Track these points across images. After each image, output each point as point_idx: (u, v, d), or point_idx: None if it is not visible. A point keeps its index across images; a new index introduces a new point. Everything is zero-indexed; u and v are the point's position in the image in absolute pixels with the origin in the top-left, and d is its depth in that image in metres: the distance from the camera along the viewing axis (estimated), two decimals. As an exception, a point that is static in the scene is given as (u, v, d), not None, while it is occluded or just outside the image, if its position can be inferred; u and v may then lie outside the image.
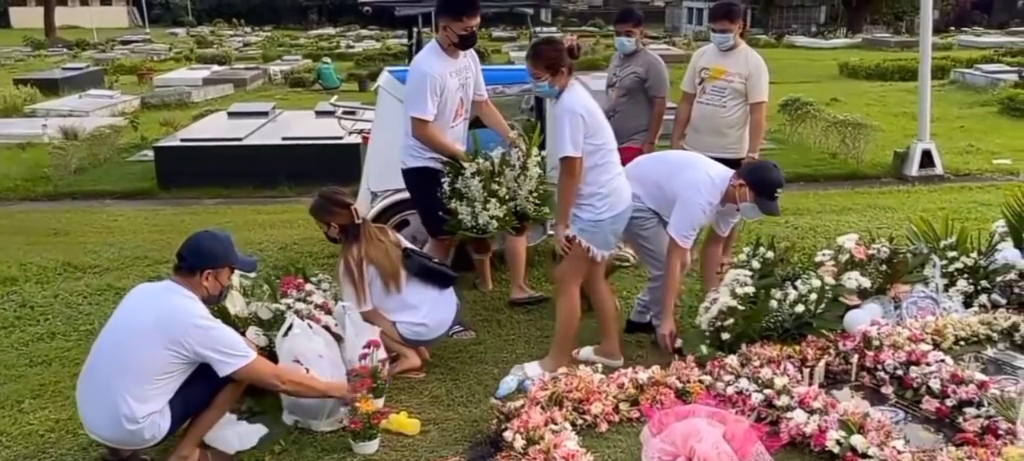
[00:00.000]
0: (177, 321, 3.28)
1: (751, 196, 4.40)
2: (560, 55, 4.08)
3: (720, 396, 3.88)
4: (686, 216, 4.35)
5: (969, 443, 3.37)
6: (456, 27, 4.58)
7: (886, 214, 7.46)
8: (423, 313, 4.38)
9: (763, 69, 5.45)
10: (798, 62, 25.22)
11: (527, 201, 4.77)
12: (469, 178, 4.67)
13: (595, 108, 4.14)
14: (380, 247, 4.30)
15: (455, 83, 4.73)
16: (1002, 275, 4.81)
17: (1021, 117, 13.08)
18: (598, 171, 4.12)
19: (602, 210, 4.15)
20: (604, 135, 4.14)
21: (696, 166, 4.55)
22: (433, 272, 4.47)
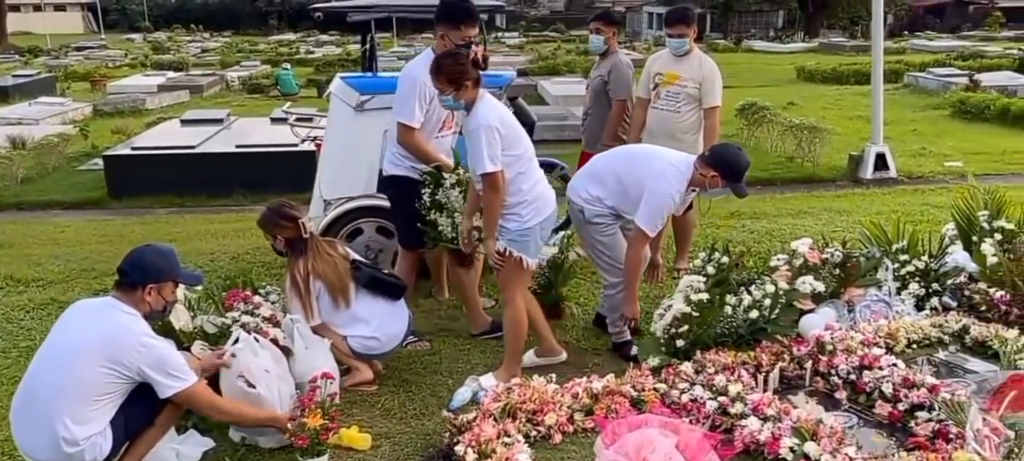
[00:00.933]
0: (120, 340, 3.16)
1: (722, 183, 4.36)
2: (463, 68, 3.98)
3: (675, 404, 3.86)
4: (655, 206, 4.30)
5: (920, 447, 3.37)
6: (454, 36, 4.47)
7: (841, 217, 7.53)
8: (374, 327, 4.30)
9: (716, 74, 5.46)
10: (756, 66, 25.49)
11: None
12: (449, 189, 4.57)
13: (509, 118, 4.09)
14: (328, 262, 4.21)
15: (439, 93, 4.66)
16: (952, 278, 4.86)
17: (972, 120, 13.33)
18: (520, 179, 4.07)
19: (528, 218, 4.11)
20: (522, 144, 4.10)
21: (658, 156, 4.52)
22: (383, 283, 4.39)
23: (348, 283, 4.25)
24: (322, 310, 4.22)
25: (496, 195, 3.99)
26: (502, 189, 3.99)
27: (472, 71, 3.99)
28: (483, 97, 4.04)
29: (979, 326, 4.47)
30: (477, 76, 4.01)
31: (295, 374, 3.95)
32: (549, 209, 4.21)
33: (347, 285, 4.24)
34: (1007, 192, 5.50)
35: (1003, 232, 4.79)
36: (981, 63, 20.98)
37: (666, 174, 4.34)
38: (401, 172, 4.72)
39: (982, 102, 13.65)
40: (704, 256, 4.88)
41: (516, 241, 4.12)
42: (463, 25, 4.46)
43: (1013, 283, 4.56)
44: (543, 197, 4.18)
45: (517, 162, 4.04)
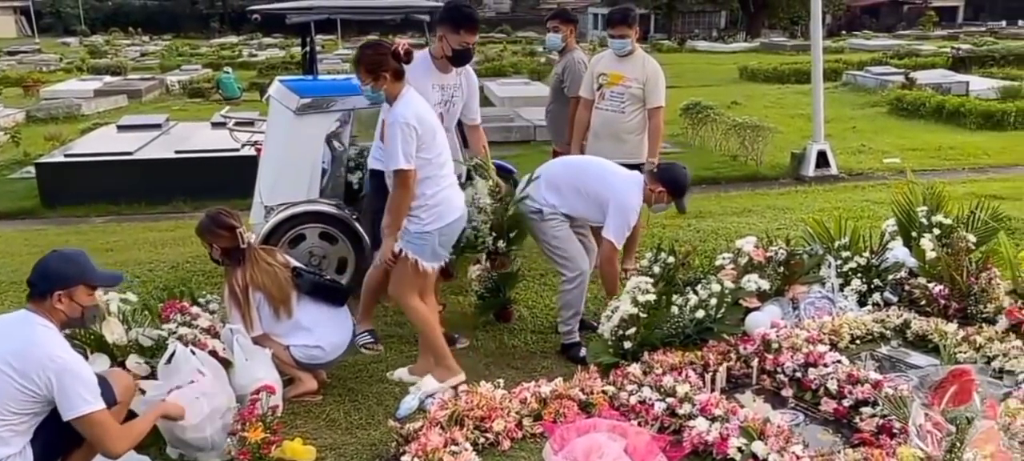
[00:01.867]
0: (29, 353, 2.98)
1: (667, 197, 4.68)
2: (382, 59, 3.95)
3: (623, 406, 3.84)
4: (623, 220, 4.52)
5: (866, 443, 3.41)
6: (452, 40, 4.42)
7: (784, 215, 7.62)
8: (317, 336, 4.19)
9: (660, 74, 5.47)
10: (700, 66, 25.80)
11: (485, 232, 4.57)
12: None
13: (428, 117, 4.04)
14: (267, 272, 4.09)
15: (436, 97, 4.55)
16: (893, 273, 4.93)
17: (908, 117, 13.64)
18: (425, 183, 4.04)
19: (427, 222, 4.08)
20: (436, 147, 4.06)
21: (615, 172, 4.70)
22: (325, 289, 4.29)
23: (289, 292, 4.14)
24: (264, 320, 4.11)
25: (403, 194, 3.98)
26: (411, 188, 3.98)
27: (392, 63, 3.95)
28: (406, 92, 4.01)
29: (919, 320, 4.55)
30: (397, 69, 3.98)
31: (235, 387, 3.83)
32: (452, 216, 4.17)
33: (288, 295, 4.13)
34: (944, 187, 5.62)
35: (941, 227, 4.87)
36: (916, 61, 21.51)
37: (628, 190, 4.56)
38: (381, 167, 4.57)
39: (918, 100, 13.98)
40: (651, 256, 4.89)
41: (412, 243, 4.11)
42: (463, 30, 4.42)
43: (951, 277, 4.64)
44: (446, 203, 4.14)
45: (427, 165, 4.02)
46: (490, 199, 4.50)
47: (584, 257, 4.71)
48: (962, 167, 9.77)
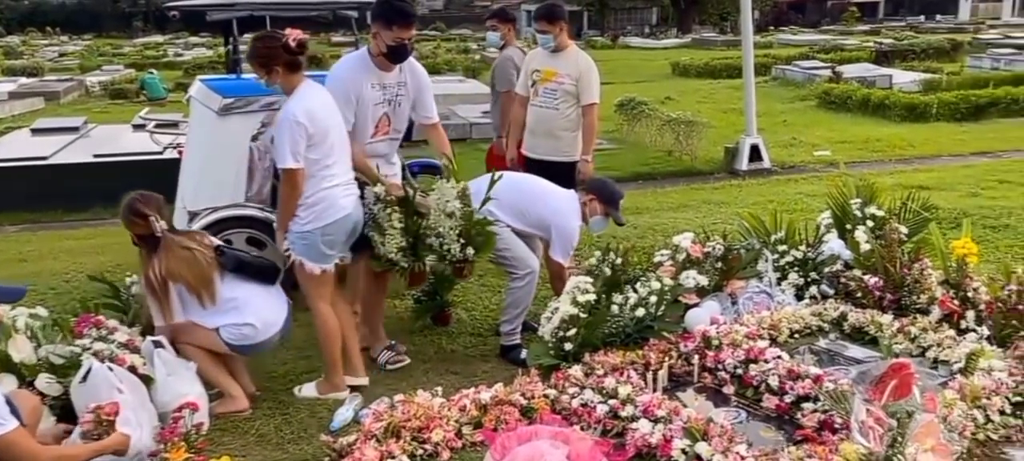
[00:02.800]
0: None
1: (601, 209, 4.72)
2: (273, 51, 3.85)
3: (565, 410, 3.75)
4: (567, 241, 4.61)
5: (808, 440, 3.38)
6: (386, 36, 4.16)
7: (720, 209, 7.65)
8: (248, 313, 3.94)
9: (593, 70, 5.40)
10: (633, 62, 26.01)
11: (451, 240, 4.24)
12: (371, 203, 4.20)
13: (323, 116, 3.91)
14: (183, 258, 3.82)
15: (377, 96, 4.30)
16: (829, 266, 4.95)
17: (836, 110, 13.92)
18: (309, 182, 3.94)
19: (307, 221, 3.96)
20: (324, 148, 3.94)
21: (553, 193, 4.73)
22: (252, 267, 4.05)
23: (211, 275, 3.88)
24: (189, 308, 3.89)
25: (290, 193, 3.91)
26: (298, 187, 3.89)
27: (284, 55, 3.84)
28: (301, 88, 3.92)
29: (856, 313, 4.57)
30: (290, 61, 3.87)
31: (157, 404, 3.63)
32: (336, 216, 4.04)
33: (210, 278, 3.88)
34: (874, 179, 5.69)
35: (874, 219, 4.91)
36: (841, 55, 22.03)
37: (566, 211, 4.64)
38: None
39: (845, 93, 14.28)
40: (598, 255, 4.85)
41: (295, 243, 4.01)
42: (396, 26, 4.16)
43: (885, 269, 4.68)
44: (328, 201, 3.99)
45: (313, 165, 3.90)
46: (459, 203, 4.23)
47: (532, 256, 4.64)
48: (889, 158, 9.98)
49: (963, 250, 4.44)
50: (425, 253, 4.23)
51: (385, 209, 4.16)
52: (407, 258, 4.22)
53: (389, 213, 4.15)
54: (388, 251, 4.17)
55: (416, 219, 4.23)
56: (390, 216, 4.15)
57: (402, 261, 4.21)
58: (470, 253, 4.26)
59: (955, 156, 9.90)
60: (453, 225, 4.21)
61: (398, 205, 4.18)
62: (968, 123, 12.03)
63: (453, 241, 4.22)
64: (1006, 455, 3.38)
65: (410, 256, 4.23)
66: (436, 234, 4.23)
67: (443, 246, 4.23)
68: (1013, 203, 7.18)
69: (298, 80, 3.91)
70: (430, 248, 4.23)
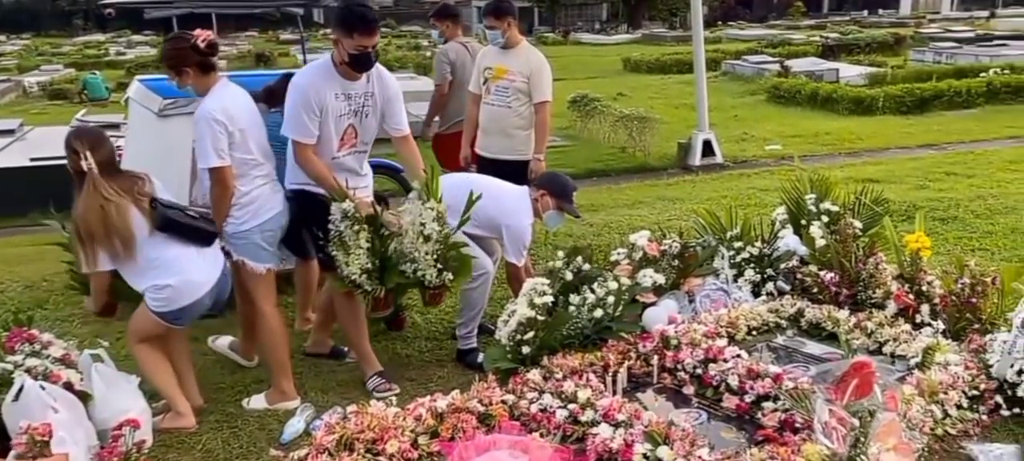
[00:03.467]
0: None
1: (553, 204, 4.61)
2: (182, 52, 3.80)
3: (524, 416, 3.67)
4: (519, 241, 4.51)
5: (770, 440, 3.35)
6: (347, 44, 3.90)
7: (675, 205, 7.64)
8: (170, 273, 3.66)
9: (545, 67, 5.32)
10: (585, 59, 26.03)
11: (427, 264, 4.02)
12: (337, 220, 3.95)
13: (241, 113, 3.85)
14: (94, 208, 3.51)
15: (342, 106, 4.04)
16: (785, 262, 4.94)
17: (786, 104, 14.07)
18: (241, 181, 3.88)
19: (243, 220, 3.91)
20: (248, 145, 3.89)
21: (504, 192, 4.64)
22: (182, 227, 3.71)
23: (129, 229, 3.57)
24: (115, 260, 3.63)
25: (222, 191, 3.81)
26: (228, 185, 3.81)
27: (194, 56, 3.79)
28: (216, 87, 3.86)
29: (813, 308, 4.57)
30: (201, 62, 3.81)
31: (95, 422, 3.46)
32: (269, 213, 4.00)
33: (124, 232, 3.55)
34: (825, 172, 5.71)
35: (829, 214, 4.91)
36: (789, 50, 22.31)
37: (518, 210, 4.54)
38: (295, 186, 4.17)
39: (793, 87, 14.44)
40: (563, 256, 4.81)
41: (234, 244, 3.92)
42: (357, 33, 3.89)
43: (841, 264, 4.68)
44: (261, 199, 3.97)
45: (240, 164, 3.86)
46: (437, 225, 3.99)
47: (486, 256, 4.54)
48: (838, 152, 10.09)
49: (917, 244, 4.46)
50: (394, 278, 4.02)
51: (352, 227, 3.93)
52: (372, 282, 3.97)
53: (357, 232, 3.93)
54: (351, 272, 3.94)
55: (385, 240, 4.01)
56: (357, 234, 3.93)
57: (366, 284, 3.95)
58: (448, 279, 4.07)
59: (902, 149, 10.04)
60: (429, 249, 4.01)
61: (366, 223, 3.96)
62: (913, 116, 12.24)
63: (429, 266, 4.01)
64: (964, 449, 3.38)
65: (376, 280, 3.98)
66: (410, 259, 4.02)
67: (417, 272, 4.03)
68: (960, 195, 7.29)
69: (212, 80, 3.86)
70: (402, 274, 4.02)
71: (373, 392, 4.18)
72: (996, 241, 5.99)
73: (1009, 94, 12.84)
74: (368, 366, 4.32)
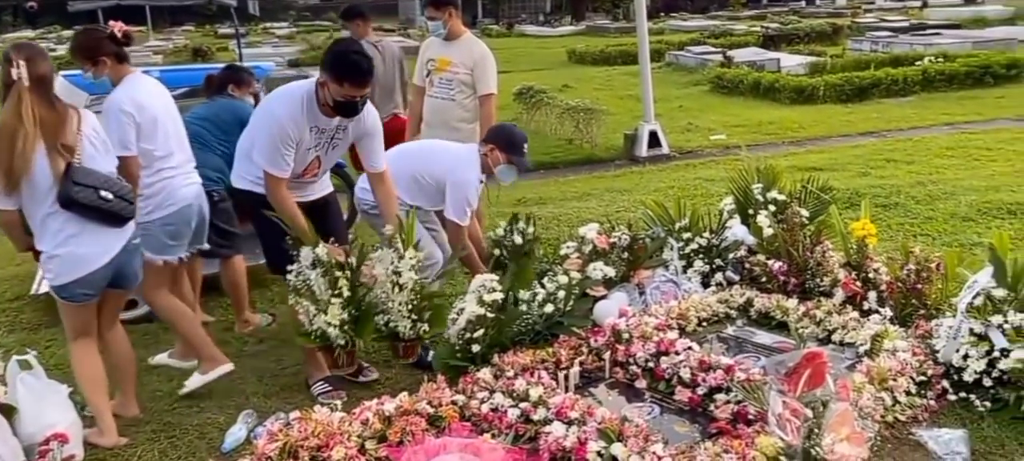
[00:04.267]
0: None
1: (504, 158, 4.52)
2: (96, 43, 3.84)
3: (475, 416, 3.58)
4: (461, 194, 4.37)
5: (723, 432, 3.32)
6: (334, 91, 3.68)
7: (623, 197, 7.61)
8: (59, 242, 3.37)
9: (489, 59, 5.23)
10: (530, 50, 25.99)
11: (401, 315, 3.84)
12: (305, 268, 3.73)
13: (149, 102, 3.85)
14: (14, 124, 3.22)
15: (314, 139, 3.85)
16: (733, 252, 4.94)
17: (729, 94, 14.19)
18: (145, 172, 3.89)
19: (145, 210, 3.89)
20: (158, 136, 3.91)
21: (447, 149, 4.61)
22: (81, 207, 3.35)
23: (24, 164, 3.24)
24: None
25: (130, 181, 3.72)
26: (133, 176, 3.77)
27: (109, 46, 3.84)
28: (129, 78, 3.89)
29: (762, 298, 4.57)
30: (117, 52, 3.87)
31: (21, 437, 3.28)
32: (174, 207, 4.02)
33: (20, 165, 3.24)
34: (769, 161, 5.73)
35: (776, 203, 4.91)
36: (731, 40, 22.55)
37: (462, 162, 4.45)
38: (245, 186, 4.00)
39: (736, 77, 14.58)
40: (504, 226, 4.75)
41: (138, 233, 3.77)
42: (347, 84, 3.66)
43: (788, 253, 4.68)
44: (167, 191, 4.00)
45: (145, 155, 3.87)
46: (414, 274, 3.80)
47: (435, 246, 4.48)
48: (782, 141, 10.19)
49: (862, 231, 4.48)
50: (370, 331, 3.81)
51: (325, 275, 3.71)
52: (345, 335, 3.72)
53: (332, 281, 3.70)
54: (325, 323, 3.69)
55: (358, 291, 3.81)
56: (335, 283, 3.69)
57: (339, 338, 3.71)
58: (423, 330, 3.88)
59: (844, 137, 10.19)
60: (404, 299, 3.82)
61: (340, 270, 3.73)
62: (853, 104, 12.43)
63: (403, 318, 3.84)
64: (914, 435, 3.39)
65: (350, 332, 3.74)
66: (382, 310, 3.84)
67: (390, 323, 3.85)
68: (901, 181, 7.40)
69: (126, 71, 3.89)
70: (375, 328, 3.83)
71: (319, 397, 4.04)
72: (937, 226, 6.09)
73: (943, 82, 13.12)
74: (314, 369, 4.18)
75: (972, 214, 6.26)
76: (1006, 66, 13.32)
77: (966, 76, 13.18)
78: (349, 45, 3.86)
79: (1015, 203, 6.41)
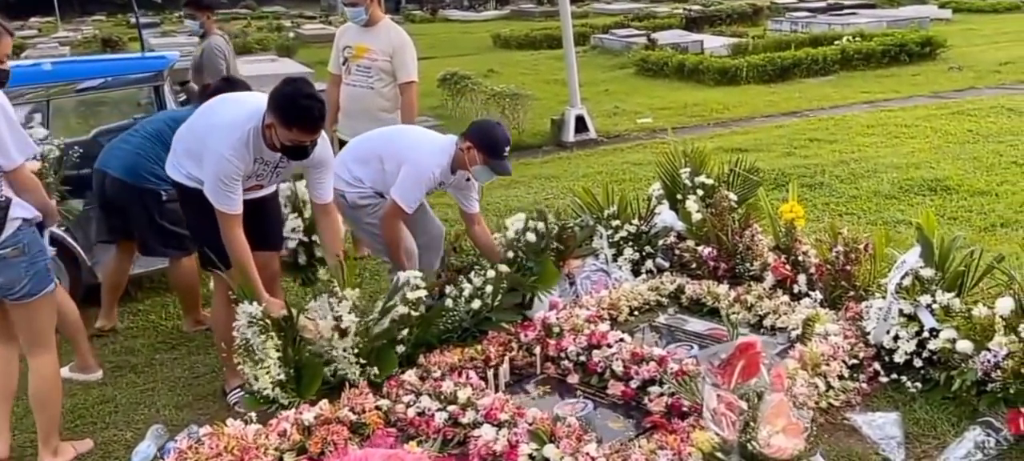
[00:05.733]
0: None
1: (480, 159, 4.16)
2: None
3: (401, 422, 3.42)
4: (414, 178, 4.08)
5: (657, 426, 3.22)
6: (281, 134, 3.41)
7: (551, 184, 7.49)
8: None
9: (408, 45, 5.04)
10: (454, 36, 25.68)
11: (347, 363, 3.65)
12: (243, 326, 3.52)
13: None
14: None
15: (255, 168, 3.58)
16: (663, 238, 4.86)
17: (654, 77, 14.21)
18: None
19: None
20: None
21: (421, 134, 4.42)
22: None
23: None
24: None
25: None
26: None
27: None
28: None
29: (692, 284, 4.51)
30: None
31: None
32: None
33: None
34: (696, 144, 5.68)
35: (704, 187, 4.85)
36: (654, 23, 22.65)
37: (422, 147, 4.20)
38: (179, 178, 3.71)
39: (661, 59, 14.60)
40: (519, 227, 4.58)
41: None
42: (296, 129, 3.38)
43: (718, 238, 4.62)
44: None
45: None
46: (354, 317, 3.63)
47: (409, 238, 4.33)
48: (707, 122, 10.22)
49: (791, 214, 4.44)
50: (315, 387, 3.56)
51: (260, 334, 3.50)
52: (288, 394, 3.51)
53: (265, 340, 3.50)
54: (262, 387, 3.49)
55: (300, 347, 3.59)
56: (265, 343, 3.50)
57: (282, 398, 3.48)
58: (373, 375, 3.67)
59: (767, 117, 10.26)
60: (349, 345, 3.63)
61: (277, 330, 3.53)
62: (776, 84, 12.56)
63: (350, 364, 3.64)
64: (848, 420, 3.35)
65: (292, 392, 3.53)
66: (326, 360, 3.64)
67: (337, 373, 3.65)
68: (825, 160, 7.46)
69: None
70: (323, 379, 3.61)
71: (235, 406, 3.81)
72: (861, 204, 6.13)
73: (861, 60, 13.36)
74: (231, 376, 3.92)
75: (894, 192, 6.33)
76: (920, 44, 13.64)
77: (883, 55, 13.45)
78: (299, 88, 3.45)
79: (934, 180, 6.51)
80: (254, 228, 3.70)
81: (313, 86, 3.46)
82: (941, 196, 6.16)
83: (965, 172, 6.68)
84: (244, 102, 3.65)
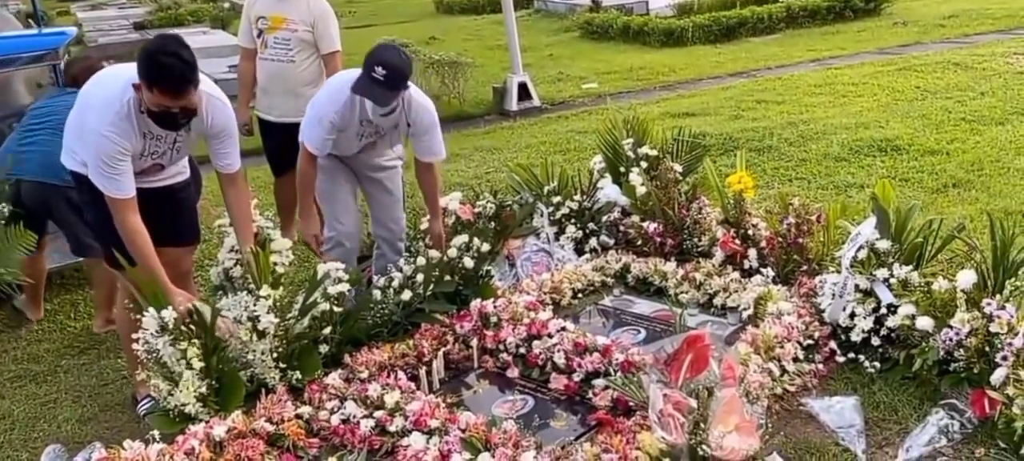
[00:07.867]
0: None
1: None
2: None
3: (324, 431, 3.13)
4: (311, 115, 3.87)
5: (603, 423, 2.98)
6: (147, 97, 3.04)
7: (493, 156, 7.17)
8: None
9: (329, 13, 4.66)
10: (394, 2, 25.02)
11: (266, 366, 3.33)
12: (151, 336, 3.15)
13: None
14: None
15: (148, 145, 3.21)
16: (606, 214, 4.60)
17: (599, 40, 13.89)
18: None
19: None
20: None
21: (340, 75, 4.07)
22: None
23: None
24: None
25: None
26: None
27: None
28: None
29: (638, 262, 4.28)
30: None
31: None
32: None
33: None
34: (641, 109, 5.42)
35: (648, 159, 4.58)
36: (599, -15, 22.30)
37: (329, 85, 3.99)
38: (75, 167, 3.32)
39: (606, 22, 14.28)
40: None
41: None
42: (157, 89, 2.99)
43: (663, 212, 4.38)
44: None
45: None
46: (273, 317, 3.30)
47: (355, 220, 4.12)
48: (653, 86, 9.95)
49: (739, 185, 4.20)
50: (238, 398, 3.22)
51: (174, 343, 3.14)
52: (209, 410, 3.15)
53: (183, 350, 3.14)
54: (181, 402, 3.12)
55: (220, 353, 3.25)
56: (185, 353, 3.13)
57: (203, 414, 3.13)
58: (296, 378, 3.35)
59: (714, 78, 10.03)
60: (267, 347, 3.31)
61: (193, 336, 3.16)
62: (722, 44, 12.33)
63: (269, 368, 3.32)
64: (804, 406, 3.14)
65: (214, 406, 3.17)
66: (241, 363, 3.32)
67: (255, 379, 3.32)
68: (773, 122, 7.25)
69: None
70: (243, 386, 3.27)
71: (145, 418, 3.47)
72: (811, 168, 5.93)
73: (806, 17, 13.20)
74: (142, 385, 3.54)
75: (844, 154, 6.14)
76: (864, 0, 13.54)
77: (828, 12, 13.30)
78: (163, 44, 3.04)
79: (884, 139, 6.34)
80: (163, 220, 3.35)
81: (184, 43, 3.05)
82: (891, 157, 5.99)
83: (915, 131, 6.52)
84: (121, 73, 3.23)
